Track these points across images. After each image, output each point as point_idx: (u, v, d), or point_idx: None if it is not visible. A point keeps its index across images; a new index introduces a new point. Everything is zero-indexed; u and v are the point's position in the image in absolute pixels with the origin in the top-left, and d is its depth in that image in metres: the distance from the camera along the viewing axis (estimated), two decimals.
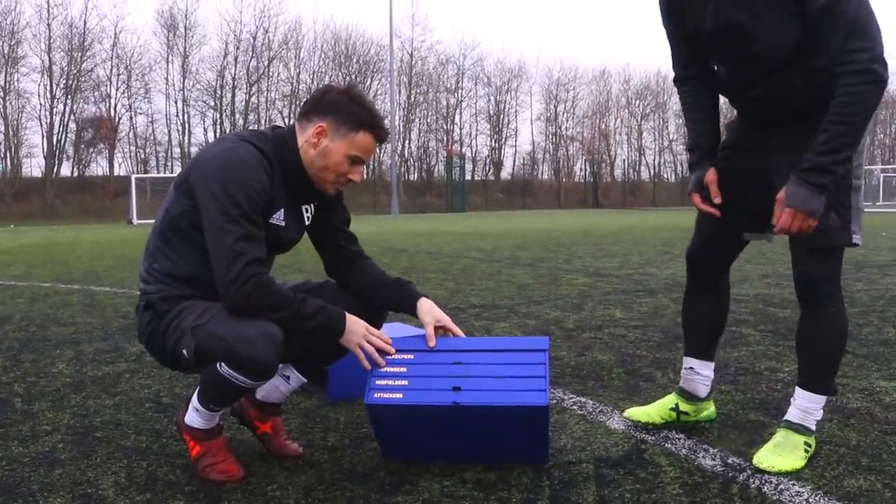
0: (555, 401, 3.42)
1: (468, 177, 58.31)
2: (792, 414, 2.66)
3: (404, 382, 2.53)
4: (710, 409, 3.03)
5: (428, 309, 2.68)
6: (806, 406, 2.63)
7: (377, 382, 2.53)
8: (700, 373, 2.95)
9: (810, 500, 2.30)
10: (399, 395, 2.50)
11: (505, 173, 66.65)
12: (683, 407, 2.97)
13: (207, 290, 2.49)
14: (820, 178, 2.33)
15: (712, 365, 2.98)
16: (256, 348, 2.31)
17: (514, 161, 68.08)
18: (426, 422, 2.54)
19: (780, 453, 2.53)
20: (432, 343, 2.61)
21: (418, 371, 2.56)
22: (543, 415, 2.46)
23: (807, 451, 2.57)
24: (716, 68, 2.71)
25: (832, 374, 2.65)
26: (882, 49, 2.24)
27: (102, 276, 9.83)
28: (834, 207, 2.45)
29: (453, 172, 53.35)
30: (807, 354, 2.67)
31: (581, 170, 66.35)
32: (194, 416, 2.58)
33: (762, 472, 2.50)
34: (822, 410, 2.67)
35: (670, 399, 3.00)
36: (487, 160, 65.83)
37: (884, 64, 2.24)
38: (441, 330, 2.67)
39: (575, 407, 3.36)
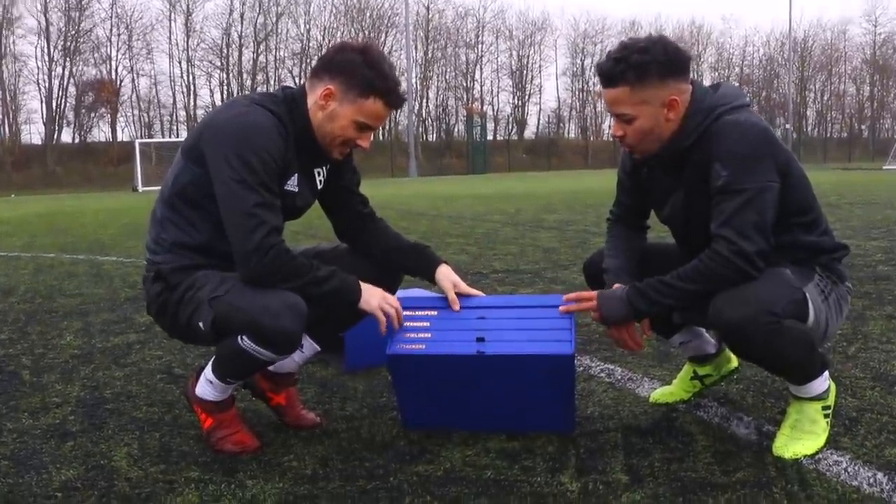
0: (582, 368, 3.46)
1: (490, 137, 58.15)
2: (796, 389, 2.52)
3: (428, 335, 2.61)
4: (730, 361, 3.02)
5: (446, 275, 2.75)
6: (806, 391, 2.51)
7: (401, 335, 2.61)
8: (691, 339, 2.94)
9: (849, 469, 2.32)
10: (422, 346, 2.57)
11: (529, 132, 66.45)
12: (703, 371, 2.98)
13: (220, 260, 2.53)
14: (638, 302, 2.47)
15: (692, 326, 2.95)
16: (281, 320, 2.35)
17: (539, 119, 67.92)
18: (449, 376, 2.60)
19: (800, 436, 2.47)
20: (457, 307, 2.68)
21: (442, 325, 2.64)
22: (569, 365, 2.51)
23: (826, 416, 2.52)
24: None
25: (815, 361, 2.47)
26: (755, 249, 2.34)
27: (108, 245, 9.96)
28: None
29: (474, 132, 53.16)
30: (775, 368, 2.55)
31: (610, 127, 65.78)
32: (207, 388, 2.63)
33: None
34: (826, 378, 2.53)
35: (687, 371, 3.01)
36: (510, 119, 65.59)
37: (748, 261, 2.34)
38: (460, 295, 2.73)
39: (603, 374, 3.39)
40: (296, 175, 2.59)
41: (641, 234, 2.90)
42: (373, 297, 2.55)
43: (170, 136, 52.94)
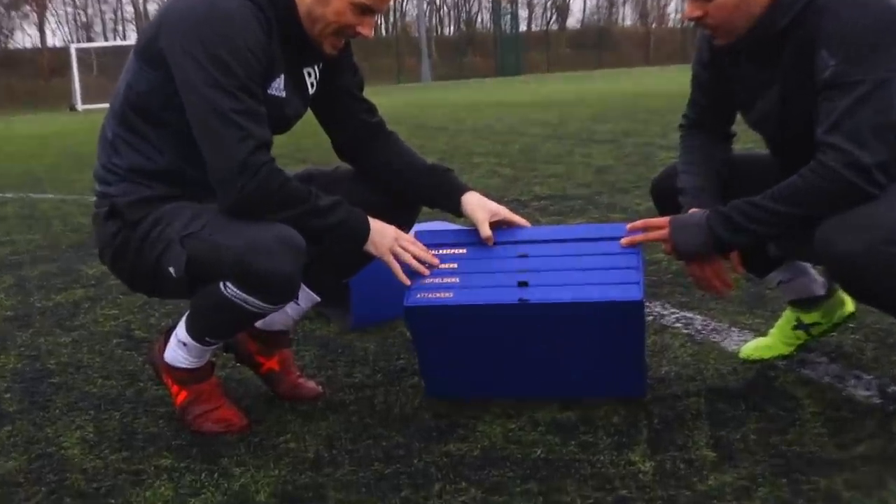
0: (652, 317, 3.45)
1: (523, 28, 57.62)
2: None
3: (455, 280, 2.58)
4: (844, 304, 2.98)
5: (478, 203, 2.70)
6: None
7: (421, 281, 2.59)
8: (793, 277, 2.91)
9: None
10: (448, 295, 2.55)
11: (573, 21, 65.75)
12: (809, 319, 2.95)
13: (190, 188, 2.53)
14: (721, 230, 2.45)
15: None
16: (275, 259, 2.34)
17: (585, 4, 67.07)
18: (484, 331, 2.60)
19: None
20: (491, 243, 2.65)
21: (473, 267, 2.61)
22: (637, 314, 2.49)
23: None
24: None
25: None
26: (873, 160, 2.28)
27: (43, 179, 10.03)
28: None
29: (502, 23, 52.73)
30: None
31: (676, 11, 65.16)
32: (179, 352, 2.64)
33: None
34: None
35: (787, 318, 2.99)
36: (548, 4, 64.83)
37: (865, 174, 2.28)
38: (500, 225, 2.69)
39: (679, 325, 3.39)
40: (282, 76, 2.56)
41: (725, 143, 2.86)
42: (383, 237, 2.55)
43: (115, 39, 52.79)
